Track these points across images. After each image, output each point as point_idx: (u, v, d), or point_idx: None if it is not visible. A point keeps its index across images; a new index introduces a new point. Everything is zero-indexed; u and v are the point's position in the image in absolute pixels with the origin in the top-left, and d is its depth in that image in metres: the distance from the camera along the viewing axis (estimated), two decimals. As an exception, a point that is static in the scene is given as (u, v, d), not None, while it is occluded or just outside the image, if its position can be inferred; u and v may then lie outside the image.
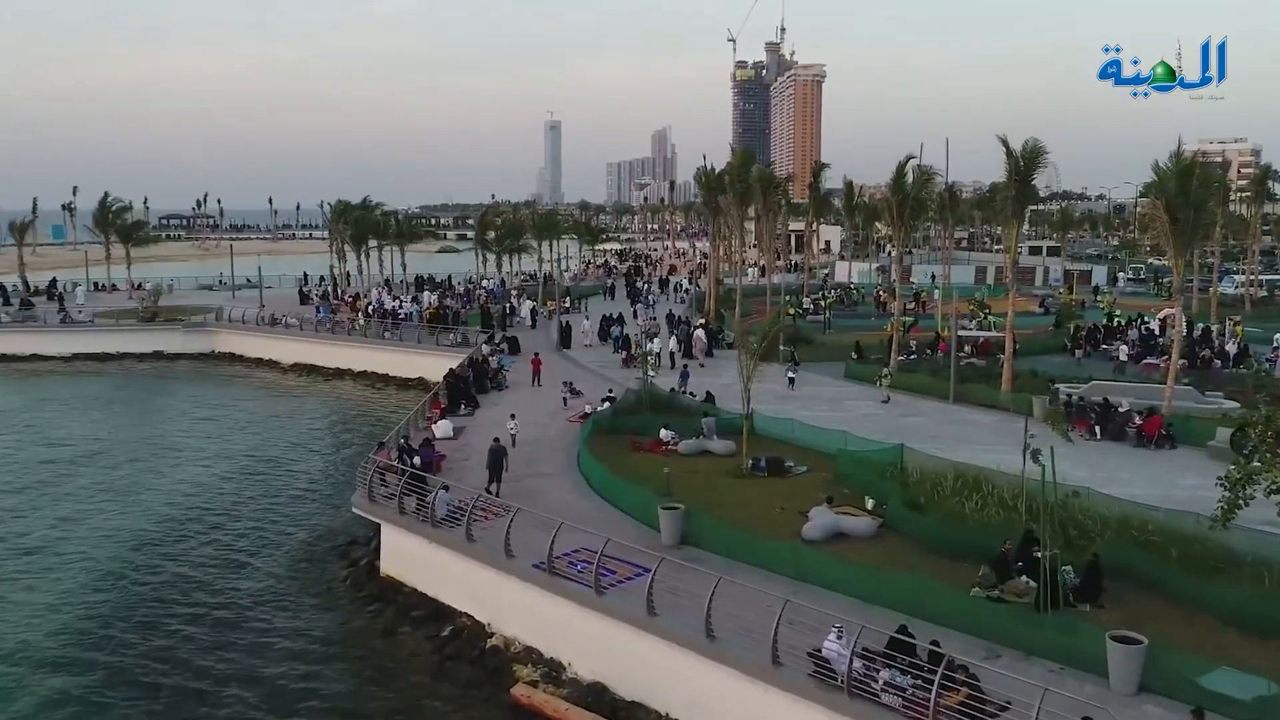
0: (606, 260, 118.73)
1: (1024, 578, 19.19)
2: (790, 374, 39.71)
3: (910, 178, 41.76)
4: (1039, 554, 19.51)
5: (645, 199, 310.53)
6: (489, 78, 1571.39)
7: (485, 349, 49.44)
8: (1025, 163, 35.49)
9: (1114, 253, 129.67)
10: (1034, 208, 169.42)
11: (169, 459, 41.11)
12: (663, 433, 30.94)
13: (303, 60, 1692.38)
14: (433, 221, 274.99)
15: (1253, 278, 75.66)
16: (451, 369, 40.17)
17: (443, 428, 32.64)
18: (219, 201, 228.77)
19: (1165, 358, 43.79)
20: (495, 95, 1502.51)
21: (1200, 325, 54.82)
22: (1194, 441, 30.90)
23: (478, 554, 22.28)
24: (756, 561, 20.78)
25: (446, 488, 24.40)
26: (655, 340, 47.59)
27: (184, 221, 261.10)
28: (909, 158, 41.77)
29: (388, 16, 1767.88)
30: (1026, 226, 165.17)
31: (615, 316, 54.21)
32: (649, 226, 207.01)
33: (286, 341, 62.05)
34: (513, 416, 31.53)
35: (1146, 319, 54.64)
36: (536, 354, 43.21)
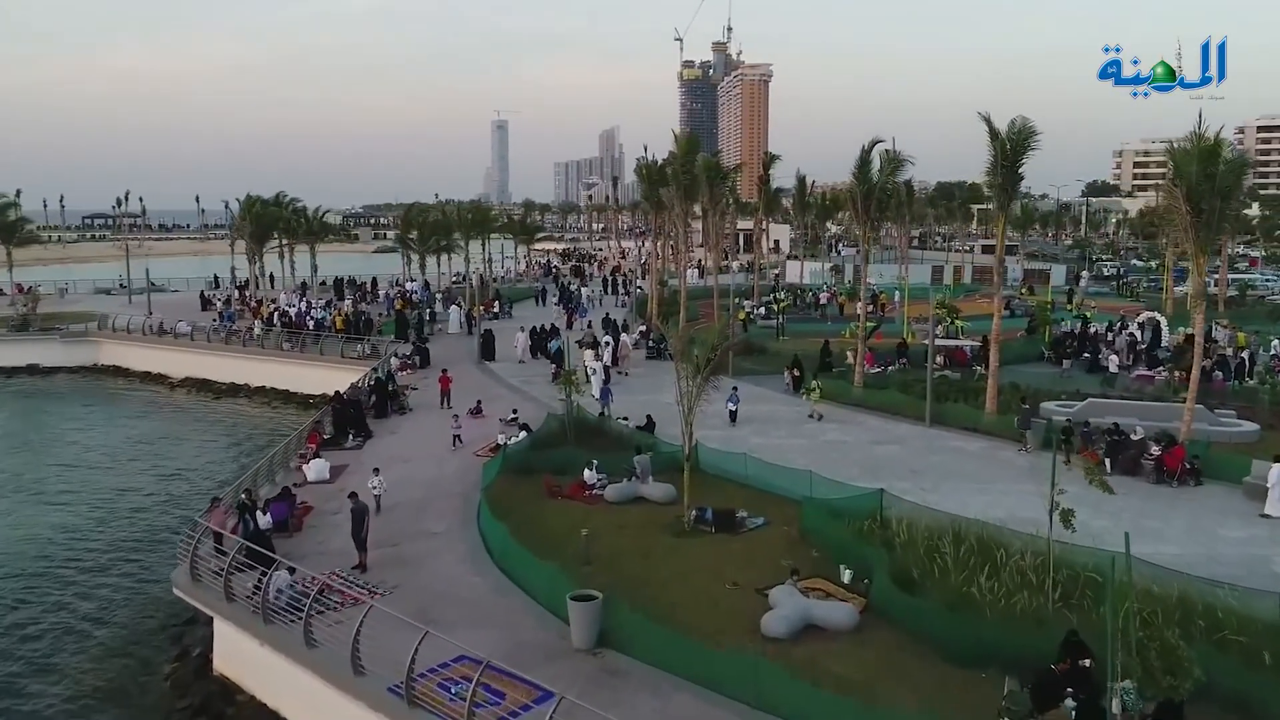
0: (548, 259, 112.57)
1: (1069, 701, 13.78)
2: (730, 405, 32.56)
3: (876, 165, 36.35)
4: (1086, 663, 14.23)
5: (590, 198, 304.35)
6: (437, 78, 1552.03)
7: (394, 362, 43.25)
8: (1013, 146, 30.34)
9: (1085, 250, 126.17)
10: (980, 206, 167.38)
11: (3, 500, 34.35)
12: (586, 474, 25.12)
13: (247, 60, 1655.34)
14: (371, 220, 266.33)
15: (1220, 277, 71.74)
16: (339, 390, 33.83)
17: (316, 468, 26.43)
18: (140, 200, 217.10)
19: (1160, 369, 39.19)
20: (444, 95, 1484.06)
21: (1182, 329, 50.50)
22: (1222, 476, 25.89)
23: (320, 665, 16.23)
24: (701, 677, 15.07)
25: (292, 570, 18.27)
26: (591, 352, 41.63)
27: (108, 221, 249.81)
28: (875, 141, 36.40)
29: (334, 16, 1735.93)
30: (975, 225, 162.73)
31: (548, 328, 47.46)
32: (594, 226, 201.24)
33: (177, 352, 55.01)
34: (376, 471, 24.28)
35: (1126, 323, 50.06)
36: (445, 370, 36.92)
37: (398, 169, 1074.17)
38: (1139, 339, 44.90)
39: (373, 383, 35.07)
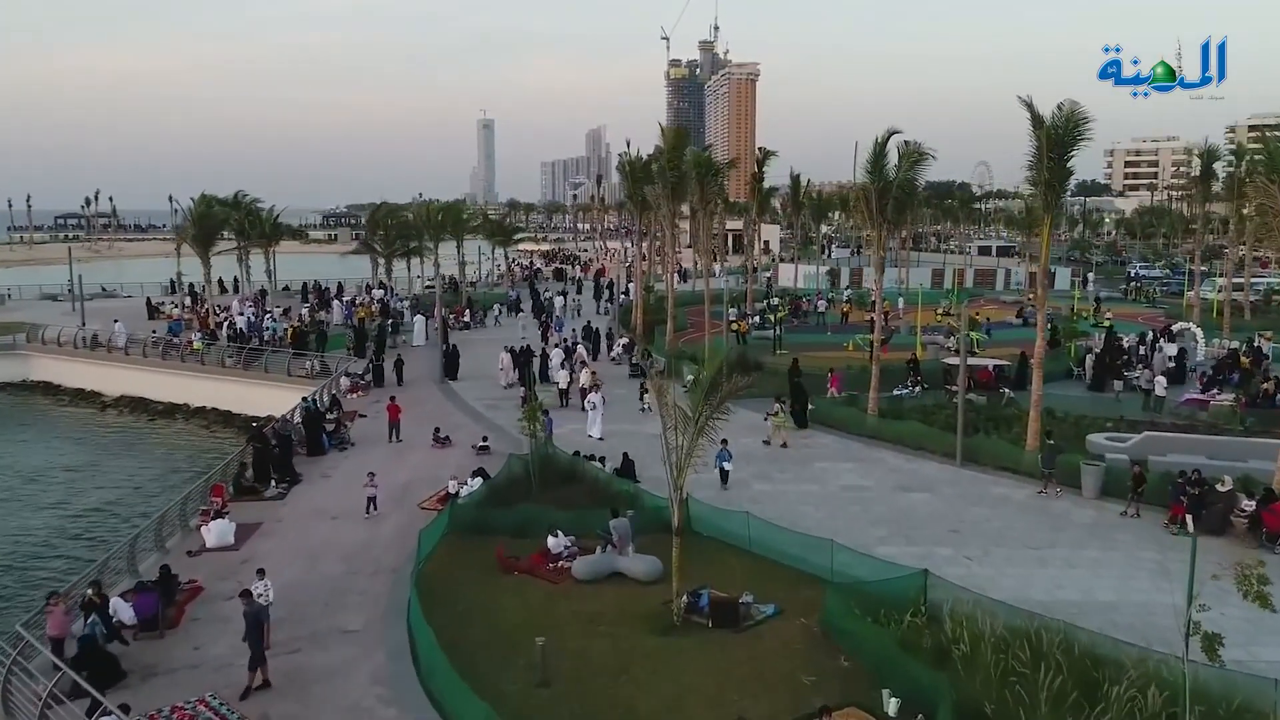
0: (530, 261, 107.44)
1: None
2: (724, 464, 25.36)
3: (894, 158, 31.44)
4: None
5: (575, 198, 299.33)
6: (423, 77, 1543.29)
7: (344, 382, 38.21)
8: (1061, 136, 25.56)
9: (1084, 251, 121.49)
10: (975, 206, 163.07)
11: None
12: (550, 541, 20.21)
13: (234, 59, 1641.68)
14: (351, 221, 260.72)
15: (1240, 280, 67.11)
16: (259, 426, 28.66)
17: (219, 531, 21.28)
18: (110, 199, 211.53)
19: (1214, 392, 34.53)
20: (430, 94, 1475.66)
21: (1218, 341, 45.94)
22: (1330, 536, 21.15)
23: None
24: None
25: (125, 710, 13.18)
26: (565, 373, 36.68)
27: (80, 221, 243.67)
28: (891, 132, 31.49)
29: (320, 16, 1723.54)
30: (967, 225, 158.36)
31: (523, 348, 41.53)
32: (579, 226, 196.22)
33: (112, 368, 49.72)
34: (261, 574, 17.45)
35: (1171, 334, 45.28)
36: (393, 398, 31.76)
37: (384, 168, 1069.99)
38: (1188, 352, 40.44)
39: (303, 414, 29.71)
